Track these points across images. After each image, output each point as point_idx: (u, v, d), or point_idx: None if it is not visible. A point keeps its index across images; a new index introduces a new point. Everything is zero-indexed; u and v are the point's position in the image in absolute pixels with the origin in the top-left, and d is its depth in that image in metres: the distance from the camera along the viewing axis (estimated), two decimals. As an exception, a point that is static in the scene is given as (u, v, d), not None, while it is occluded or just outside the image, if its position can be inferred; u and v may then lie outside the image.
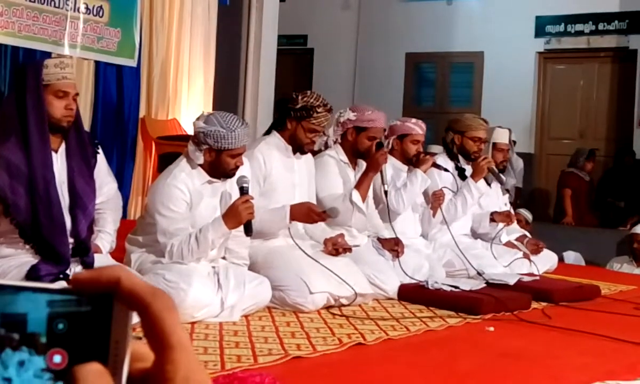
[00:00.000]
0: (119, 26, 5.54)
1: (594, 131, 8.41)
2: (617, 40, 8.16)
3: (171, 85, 6.03)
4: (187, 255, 2.92)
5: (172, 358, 0.40)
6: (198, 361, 0.41)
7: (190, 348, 0.41)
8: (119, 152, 5.59)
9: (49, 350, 0.39)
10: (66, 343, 0.40)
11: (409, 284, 3.54)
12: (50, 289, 0.40)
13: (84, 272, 0.41)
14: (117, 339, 0.40)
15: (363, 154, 3.71)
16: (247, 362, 2.31)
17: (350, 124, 3.70)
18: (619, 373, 2.39)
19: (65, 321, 0.40)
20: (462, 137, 4.32)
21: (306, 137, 3.38)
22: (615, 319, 3.24)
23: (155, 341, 0.40)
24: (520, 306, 3.32)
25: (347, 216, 3.57)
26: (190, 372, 0.40)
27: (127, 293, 0.40)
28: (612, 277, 4.57)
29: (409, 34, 9.07)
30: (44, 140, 2.65)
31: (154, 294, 0.40)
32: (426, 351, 2.62)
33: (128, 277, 0.40)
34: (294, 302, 3.12)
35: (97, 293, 0.40)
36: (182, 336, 0.40)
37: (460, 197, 4.18)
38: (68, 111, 2.70)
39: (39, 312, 0.39)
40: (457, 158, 4.34)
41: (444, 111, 9.11)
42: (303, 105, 3.34)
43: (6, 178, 2.59)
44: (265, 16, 6.68)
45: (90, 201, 2.79)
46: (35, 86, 2.63)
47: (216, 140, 2.92)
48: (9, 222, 2.64)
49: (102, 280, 0.40)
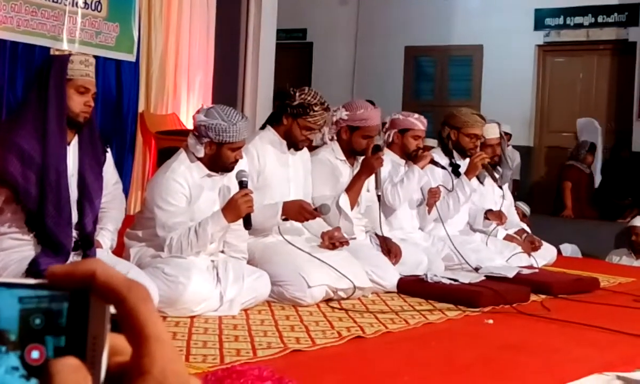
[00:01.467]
0: (117, 21, 5.53)
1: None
2: (616, 33, 8.15)
3: (170, 80, 6.02)
4: (187, 249, 2.93)
5: (149, 350, 0.39)
6: (175, 352, 0.40)
7: (168, 339, 0.40)
8: (118, 147, 5.58)
9: (26, 346, 0.39)
10: (43, 339, 0.39)
11: (408, 277, 3.54)
12: (26, 284, 0.40)
13: (59, 266, 0.40)
14: (95, 334, 0.39)
15: (360, 152, 3.69)
16: (247, 356, 2.32)
17: (343, 123, 3.68)
18: (617, 364, 2.39)
19: (42, 316, 0.39)
20: (458, 133, 4.29)
21: (301, 135, 3.37)
22: (614, 311, 3.25)
23: (132, 334, 0.40)
24: (519, 298, 3.33)
25: (334, 220, 3.56)
26: (167, 363, 0.39)
27: (102, 286, 0.39)
28: (611, 270, 4.57)
29: (408, 27, 9.06)
30: (61, 132, 2.69)
31: (129, 287, 0.40)
32: (425, 344, 2.62)
33: (103, 271, 0.40)
34: (293, 296, 3.12)
35: (74, 287, 0.40)
36: (159, 328, 0.40)
37: (453, 195, 4.15)
38: (87, 107, 2.74)
39: (10, 309, 0.39)
40: (452, 154, 4.32)
41: (443, 104, 9.10)
42: (300, 102, 3.32)
43: (18, 165, 2.62)
44: (264, 10, 6.66)
45: (98, 196, 2.83)
46: (60, 79, 2.68)
47: (217, 133, 2.92)
48: (14, 210, 2.67)
49: (77, 274, 0.40)
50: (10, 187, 2.64)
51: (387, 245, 3.69)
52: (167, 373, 0.39)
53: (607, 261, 5.45)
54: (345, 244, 3.41)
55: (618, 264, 5.26)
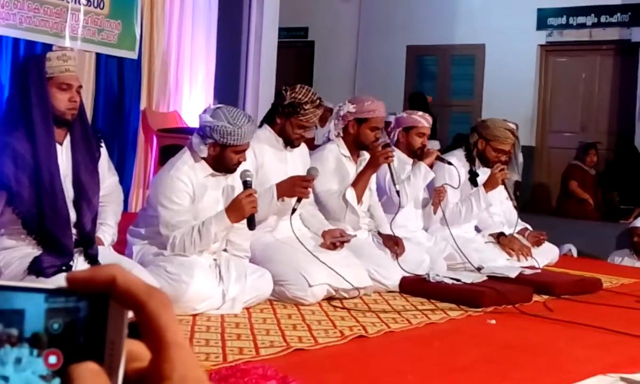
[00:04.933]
0: (119, 18, 5.53)
1: (595, 124, 8.38)
2: (619, 33, 8.13)
3: (172, 78, 6.02)
4: (190, 247, 2.92)
5: (169, 356, 0.39)
6: (195, 359, 0.40)
7: (187, 346, 0.40)
8: (120, 144, 5.58)
9: (45, 351, 0.39)
10: (61, 344, 0.39)
11: (411, 277, 3.54)
12: (45, 289, 0.39)
13: (80, 272, 0.40)
14: (112, 339, 0.39)
15: (367, 146, 3.69)
16: (249, 354, 2.31)
17: (350, 117, 3.68)
18: (621, 365, 2.38)
19: (61, 321, 0.39)
20: (487, 144, 4.21)
21: (294, 133, 3.36)
22: (617, 312, 3.24)
23: (152, 340, 0.40)
24: (521, 298, 3.32)
25: (340, 214, 3.55)
26: (187, 370, 0.39)
27: (123, 291, 0.39)
28: (613, 271, 4.57)
29: (410, 26, 9.05)
30: (48, 133, 2.64)
31: (149, 293, 0.40)
32: (428, 344, 2.62)
33: (123, 276, 0.40)
34: (294, 296, 3.12)
35: (93, 293, 0.40)
36: (178, 334, 0.40)
37: (467, 204, 4.11)
38: (72, 103, 2.70)
39: (37, 309, 0.39)
40: (474, 161, 4.26)
41: (445, 103, 9.09)
42: (291, 101, 3.32)
43: (12, 167, 2.59)
44: (266, 8, 6.66)
45: (95, 193, 2.80)
46: (39, 80, 2.63)
47: (222, 135, 2.90)
48: (12, 212, 2.65)
49: (97, 280, 0.40)
50: (5, 190, 2.61)
51: (394, 239, 3.69)
52: (188, 379, 0.39)
53: (609, 262, 5.44)
54: (346, 242, 3.40)
55: (620, 264, 5.25)
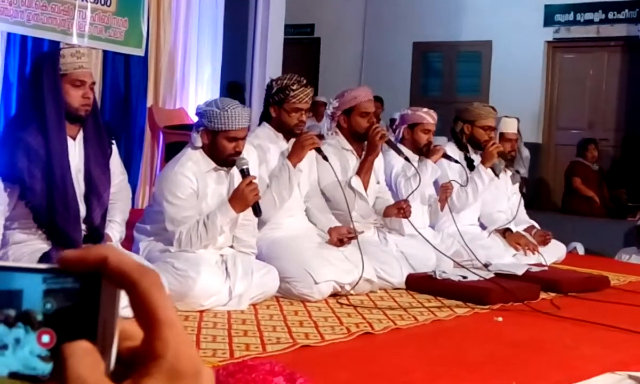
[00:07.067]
0: (126, 15, 5.53)
1: (602, 121, 8.35)
2: (627, 30, 8.09)
3: (178, 75, 6.02)
4: (196, 242, 2.93)
5: (161, 334, 0.39)
6: (187, 337, 0.40)
7: (180, 324, 0.40)
8: (127, 141, 5.59)
9: (38, 330, 0.39)
10: (54, 323, 0.39)
11: (417, 274, 3.54)
12: (38, 268, 0.40)
13: (71, 251, 0.40)
14: (105, 318, 0.40)
15: (364, 135, 3.69)
16: (256, 350, 2.31)
17: (338, 112, 3.70)
18: (629, 363, 2.38)
19: (53, 301, 0.39)
20: (472, 126, 4.28)
21: (292, 118, 3.35)
22: (625, 310, 3.22)
23: (144, 318, 0.40)
24: (528, 296, 3.31)
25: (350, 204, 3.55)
26: (180, 347, 0.39)
27: (114, 270, 0.40)
28: (621, 268, 4.54)
29: (416, 23, 9.03)
30: (61, 129, 2.68)
31: (141, 272, 0.40)
32: (434, 341, 2.61)
33: (115, 255, 0.40)
34: (300, 293, 3.12)
35: (85, 272, 0.40)
36: (171, 312, 0.40)
37: (471, 184, 4.15)
38: (85, 99, 2.73)
39: (34, 289, 0.39)
40: (467, 148, 4.30)
41: (451, 100, 9.06)
42: (278, 88, 3.34)
43: (25, 161, 2.62)
44: (272, 6, 6.66)
45: (105, 189, 2.83)
46: (53, 76, 2.66)
47: (209, 119, 2.92)
48: (24, 205, 2.67)
49: (89, 259, 0.40)
50: (18, 183, 2.64)
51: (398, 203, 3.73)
52: (181, 356, 0.39)
53: (617, 260, 5.42)
54: (353, 239, 3.40)
55: (628, 262, 5.23)
